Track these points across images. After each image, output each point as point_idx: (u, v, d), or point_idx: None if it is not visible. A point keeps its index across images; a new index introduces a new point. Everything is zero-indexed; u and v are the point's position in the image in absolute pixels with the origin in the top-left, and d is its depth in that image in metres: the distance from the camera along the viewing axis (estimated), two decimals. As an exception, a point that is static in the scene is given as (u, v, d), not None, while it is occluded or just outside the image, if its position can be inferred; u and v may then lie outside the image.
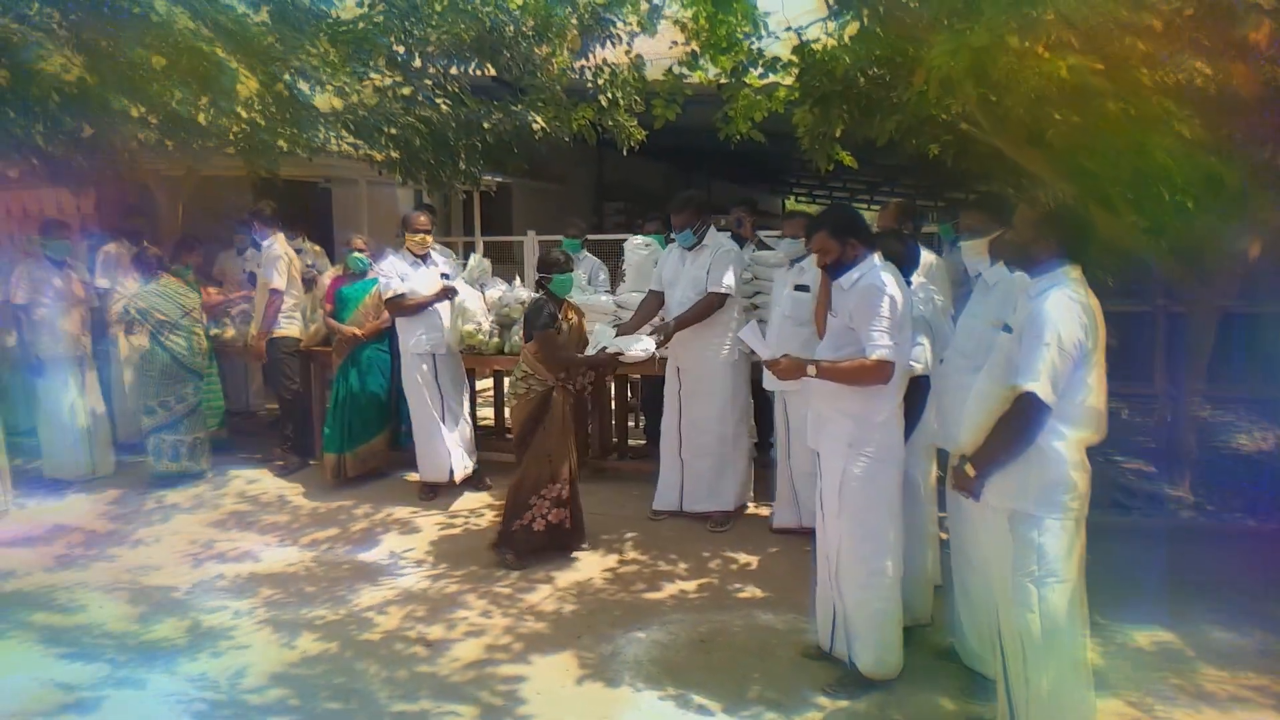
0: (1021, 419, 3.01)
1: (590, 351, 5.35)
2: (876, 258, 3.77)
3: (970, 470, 3.21)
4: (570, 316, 5.39)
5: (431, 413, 6.41)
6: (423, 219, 6.51)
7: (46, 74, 5.43)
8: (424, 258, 6.46)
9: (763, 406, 7.02)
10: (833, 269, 3.82)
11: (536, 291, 5.56)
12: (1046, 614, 3.06)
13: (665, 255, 6.03)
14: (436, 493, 6.48)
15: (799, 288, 5.18)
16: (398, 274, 6.31)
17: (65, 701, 3.82)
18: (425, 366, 6.41)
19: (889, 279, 3.67)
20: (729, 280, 5.58)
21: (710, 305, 5.62)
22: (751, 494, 6.05)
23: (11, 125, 6.01)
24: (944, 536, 4.27)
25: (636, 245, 6.85)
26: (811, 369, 3.70)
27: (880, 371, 3.61)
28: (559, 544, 5.35)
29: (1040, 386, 2.94)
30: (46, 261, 6.97)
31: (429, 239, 6.50)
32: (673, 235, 5.85)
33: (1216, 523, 5.59)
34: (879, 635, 3.73)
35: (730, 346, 5.73)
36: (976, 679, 3.71)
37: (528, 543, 5.25)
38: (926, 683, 3.80)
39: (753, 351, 5.86)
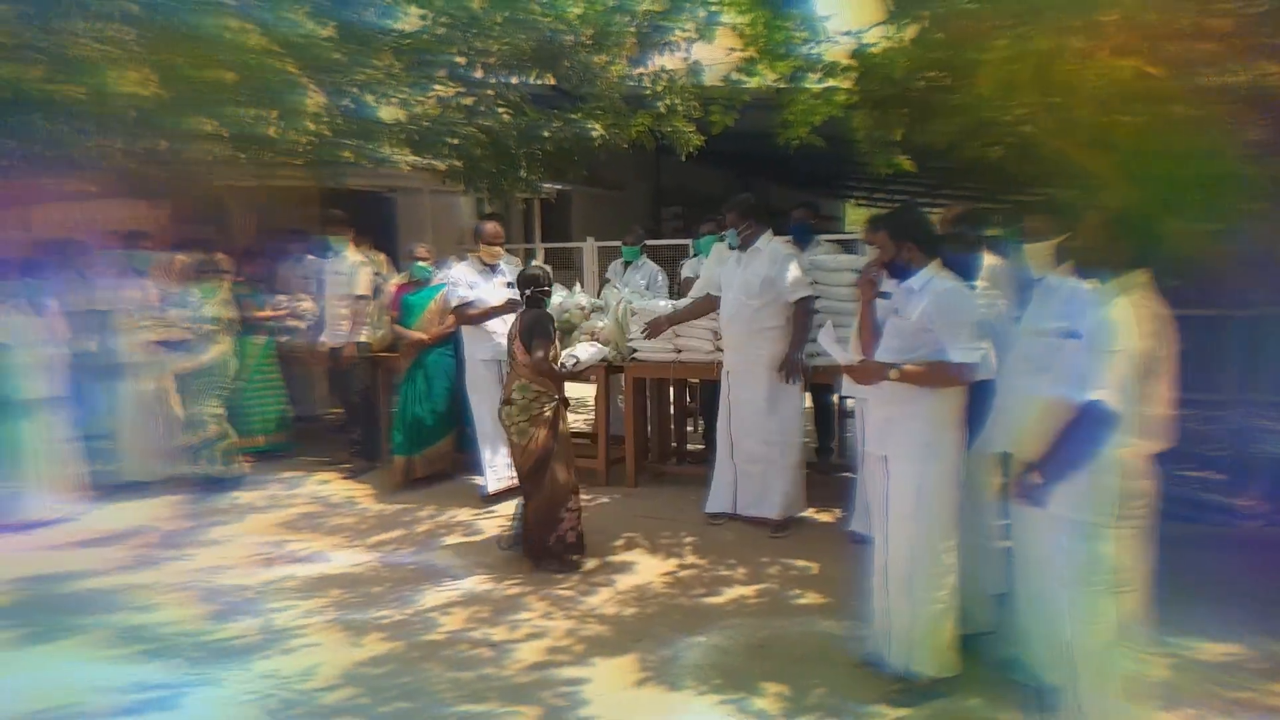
0: (1088, 427, 2.98)
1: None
2: (936, 264, 3.78)
3: (1035, 478, 3.19)
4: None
5: (491, 421, 6.48)
6: (496, 229, 6.61)
7: (123, 91, 5.62)
8: (493, 267, 6.57)
9: (823, 413, 6.99)
10: (895, 270, 3.83)
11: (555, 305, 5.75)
12: (1109, 624, 3.03)
13: (726, 259, 6.04)
14: (499, 495, 6.55)
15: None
16: (466, 282, 6.44)
17: (143, 699, 3.94)
18: (490, 373, 6.52)
19: (953, 284, 3.69)
20: (795, 281, 5.58)
21: (803, 315, 5.63)
22: (804, 505, 5.93)
23: (90, 140, 6.22)
24: (1006, 544, 4.23)
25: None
26: (894, 373, 3.69)
27: (962, 373, 3.63)
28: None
29: (1107, 394, 2.92)
30: (128, 270, 7.22)
31: (501, 250, 6.61)
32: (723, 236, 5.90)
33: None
34: (942, 635, 3.74)
35: (779, 350, 5.68)
36: (1039, 688, 3.67)
37: (566, 552, 5.33)
38: (989, 692, 3.77)
39: (817, 355, 5.89)
